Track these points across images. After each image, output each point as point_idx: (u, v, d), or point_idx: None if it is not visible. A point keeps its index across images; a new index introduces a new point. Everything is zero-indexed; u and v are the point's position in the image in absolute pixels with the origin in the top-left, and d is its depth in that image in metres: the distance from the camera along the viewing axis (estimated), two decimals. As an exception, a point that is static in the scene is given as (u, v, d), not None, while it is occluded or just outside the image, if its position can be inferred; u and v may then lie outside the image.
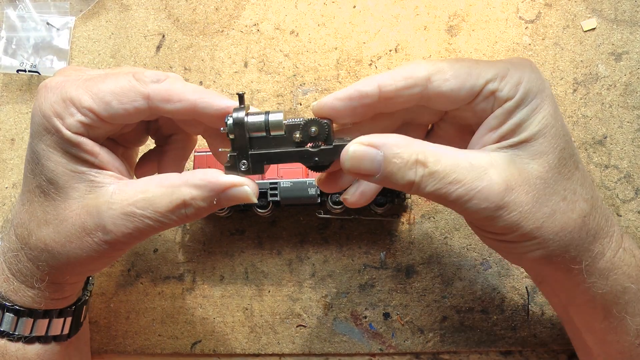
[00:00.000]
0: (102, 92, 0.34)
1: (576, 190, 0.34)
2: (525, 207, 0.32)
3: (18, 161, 0.51)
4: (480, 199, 0.32)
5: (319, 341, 0.48)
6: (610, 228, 0.35)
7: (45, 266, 0.36)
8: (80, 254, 0.35)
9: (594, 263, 0.35)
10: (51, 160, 0.34)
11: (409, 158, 0.32)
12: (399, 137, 0.33)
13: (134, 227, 0.34)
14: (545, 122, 0.33)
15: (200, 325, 0.49)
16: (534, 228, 0.33)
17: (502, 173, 0.32)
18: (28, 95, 0.52)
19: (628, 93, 0.49)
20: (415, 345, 0.47)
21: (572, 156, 0.34)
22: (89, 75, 0.35)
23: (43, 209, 0.35)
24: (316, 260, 0.49)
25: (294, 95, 0.51)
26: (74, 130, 0.34)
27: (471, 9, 0.51)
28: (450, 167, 0.32)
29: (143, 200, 0.34)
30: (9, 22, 0.52)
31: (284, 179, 0.45)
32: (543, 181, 0.33)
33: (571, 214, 0.33)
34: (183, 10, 0.53)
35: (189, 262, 0.49)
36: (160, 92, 0.34)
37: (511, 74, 0.33)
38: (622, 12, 0.50)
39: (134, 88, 0.34)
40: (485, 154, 0.33)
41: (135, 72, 0.35)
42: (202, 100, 0.34)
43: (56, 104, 0.34)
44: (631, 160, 0.48)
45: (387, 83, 0.33)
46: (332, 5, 0.52)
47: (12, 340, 0.38)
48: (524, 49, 0.50)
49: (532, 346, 0.47)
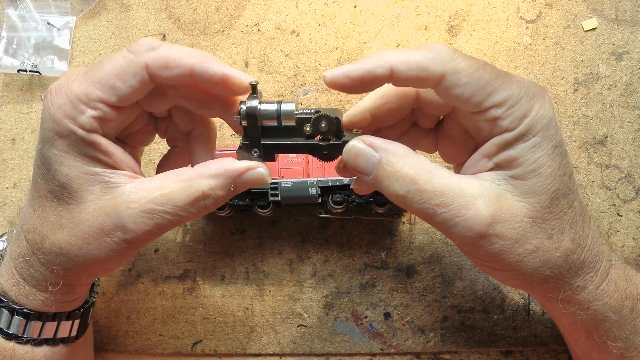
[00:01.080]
0: (104, 79, 0.33)
1: (564, 230, 0.34)
2: (508, 241, 0.33)
3: (19, 161, 0.51)
4: (464, 227, 0.32)
5: (320, 341, 0.48)
6: (597, 263, 0.35)
7: (60, 269, 0.36)
8: (98, 254, 0.35)
9: (574, 295, 0.35)
10: (64, 165, 0.34)
11: (401, 169, 0.32)
12: (400, 147, 0.33)
13: (154, 224, 0.34)
14: (541, 162, 0.32)
15: (201, 325, 0.49)
16: (513, 262, 0.33)
17: (490, 206, 0.32)
18: (29, 95, 0.52)
19: (629, 93, 0.49)
20: (416, 345, 0.47)
21: (566, 195, 0.33)
22: (88, 68, 0.35)
23: (56, 213, 0.35)
24: (317, 260, 0.49)
25: (294, 95, 0.51)
26: (87, 128, 0.34)
27: (472, 8, 0.51)
28: (440, 189, 0.32)
29: (162, 197, 0.34)
30: (9, 22, 0.52)
31: (285, 179, 0.45)
32: (531, 220, 0.33)
33: (554, 252, 0.33)
34: (184, 10, 0.53)
35: (190, 261, 0.49)
36: (157, 59, 0.33)
37: (520, 105, 0.32)
38: (622, 12, 0.50)
39: (131, 62, 0.33)
40: (478, 182, 0.33)
41: (129, 46, 0.34)
42: (199, 64, 0.33)
43: (64, 105, 0.33)
44: (632, 160, 0.48)
45: (401, 70, 0.32)
46: (332, 5, 0.52)
47: (21, 342, 0.38)
48: (524, 49, 0.50)
49: (532, 346, 0.47)
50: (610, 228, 0.48)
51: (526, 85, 0.33)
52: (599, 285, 0.35)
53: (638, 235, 0.47)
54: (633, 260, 0.47)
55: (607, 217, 0.48)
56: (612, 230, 0.48)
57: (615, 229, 0.48)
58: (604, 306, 0.35)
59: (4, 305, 0.38)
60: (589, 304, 0.35)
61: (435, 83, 0.32)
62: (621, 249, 0.48)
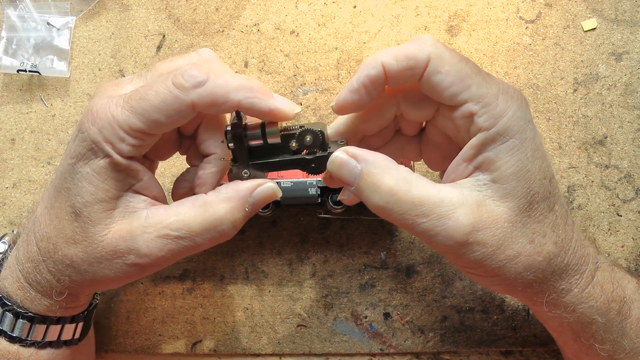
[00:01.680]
0: (147, 112, 0.33)
1: (546, 233, 0.34)
2: (490, 248, 0.33)
3: (18, 161, 0.51)
4: (444, 236, 0.32)
5: (320, 341, 0.48)
6: (583, 266, 0.35)
7: (67, 280, 0.36)
8: (108, 274, 0.35)
9: (560, 297, 0.35)
10: (93, 185, 0.34)
11: (380, 180, 0.32)
12: (382, 158, 0.33)
13: (167, 250, 0.34)
14: (520, 165, 0.32)
15: (201, 325, 0.49)
16: (496, 268, 0.33)
17: (470, 214, 0.32)
18: (28, 95, 0.52)
19: (628, 93, 0.49)
20: (415, 345, 0.47)
21: (546, 199, 0.33)
22: (129, 92, 0.34)
23: (72, 228, 0.35)
24: (316, 260, 0.49)
25: (294, 95, 0.51)
26: (125, 155, 0.34)
27: (471, 9, 0.51)
28: (419, 199, 0.32)
29: (177, 222, 0.34)
30: (9, 22, 0.52)
31: (285, 179, 0.45)
32: (511, 224, 0.33)
33: (537, 257, 0.33)
34: (183, 10, 0.53)
35: (190, 261, 0.49)
36: (204, 98, 0.33)
37: (496, 105, 0.32)
38: (622, 12, 0.50)
39: (177, 99, 0.33)
40: (457, 190, 0.33)
41: (174, 77, 0.33)
42: (246, 99, 0.33)
43: (105, 129, 0.33)
44: (631, 160, 0.48)
45: (391, 64, 0.33)
46: (332, 5, 0.52)
47: (25, 345, 0.39)
48: (524, 49, 0.50)
49: (532, 346, 0.47)
50: (610, 228, 0.48)
51: (504, 87, 0.33)
52: (584, 288, 0.35)
53: (638, 235, 0.48)
54: (633, 260, 0.48)
55: (607, 217, 0.48)
56: (611, 230, 0.48)
57: (615, 229, 0.48)
58: (590, 309, 0.35)
59: (8, 309, 0.38)
60: (575, 307, 0.35)
61: (423, 70, 0.33)
62: (621, 249, 0.48)
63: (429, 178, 0.34)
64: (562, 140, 0.49)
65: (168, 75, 0.33)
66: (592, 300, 0.35)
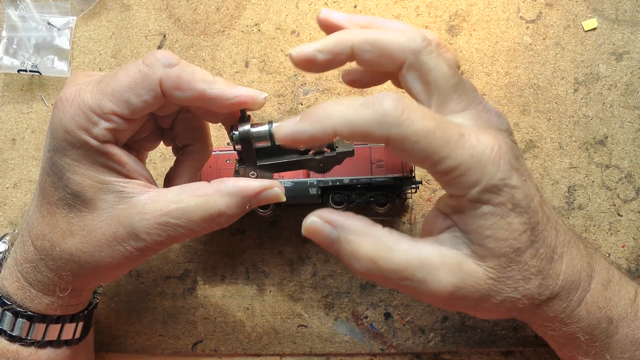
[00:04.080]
0: (117, 92, 0.33)
1: (529, 280, 0.33)
2: (473, 302, 0.33)
3: (19, 161, 0.51)
4: (428, 297, 0.32)
5: (320, 341, 0.48)
6: (572, 291, 0.35)
7: (69, 275, 0.36)
8: (110, 261, 0.35)
9: (543, 313, 0.36)
10: (77, 174, 0.34)
11: (358, 249, 0.32)
12: (358, 223, 0.33)
13: (166, 236, 0.35)
14: (495, 227, 0.32)
15: (202, 325, 0.49)
16: (481, 313, 0.34)
17: (451, 276, 0.32)
18: (29, 95, 0.52)
19: (629, 93, 0.49)
20: (416, 345, 0.47)
21: (529, 248, 0.33)
22: (100, 77, 0.35)
23: (67, 220, 0.35)
24: (317, 260, 0.49)
25: (295, 95, 0.51)
26: (101, 139, 0.34)
27: (472, 8, 0.51)
28: (399, 266, 0.32)
29: (177, 211, 0.34)
30: (10, 22, 0.52)
31: (285, 179, 0.45)
32: (493, 281, 0.33)
33: (523, 300, 0.34)
34: (184, 10, 0.53)
35: (190, 262, 0.49)
36: (170, 78, 0.33)
37: (468, 176, 0.30)
38: (623, 12, 0.50)
39: (146, 77, 0.33)
40: (437, 250, 0.33)
41: (145, 57, 0.34)
42: (210, 90, 0.34)
43: (77, 116, 0.33)
44: (632, 160, 0.48)
45: (343, 132, 0.31)
46: (333, 5, 0.52)
47: (25, 345, 0.39)
48: (525, 49, 0.50)
49: (533, 346, 0.47)
50: (611, 228, 0.48)
51: (480, 149, 0.31)
52: (570, 313, 0.35)
53: (638, 235, 0.47)
54: (634, 260, 0.48)
55: (607, 217, 0.48)
56: (612, 231, 0.48)
57: (616, 229, 0.48)
58: (574, 328, 0.36)
59: (7, 308, 0.38)
60: (559, 326, 0.36)
61: (383, 142, 0.31)
62: (621, 249, 0.48)
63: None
64: (562, 140, 0.49)
65: (139, 60, 0.34)
66: (577, 322, 0.35)
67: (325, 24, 0.36)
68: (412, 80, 0.33)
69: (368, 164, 0.45)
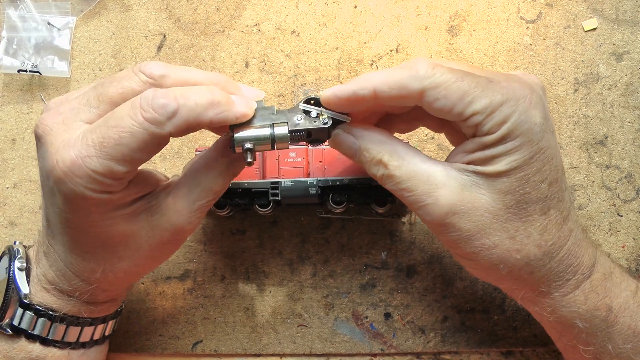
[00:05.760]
0: (128, 156, 0.32)
1: (531, 235, 0.34)
2: (465, 233, 0.34)
3: (19, 161, 0.51)
4: (425, 212, 0.34)
5: (320, 341, 0.48)
6: (568, 274, 0.35)
7: (123, 290, 0.41)
8: (161, 260, 0.40)
9: (537, 297, 0.36)
10: (106, 226, 0.35)
11: (375, 156, 0.35)
12: (377, 133, 0.36)
13: (202, 214, 0.37)
14: (514, 165, 0.33)
15: (202, 325, 0.49)
16: (470, 252, 0.35)
17: (450, 196, 0.33)
18: (29, 95, 0.52)
19: (629, 93, 0.49)
20: (416, 346, 0.47)
21: (540, 201, 0.33)
22: (97, 136, 0.32)
23: (109, 251, 0.37)
24: (317, 260, 0.49)
25: (295, 96, 0.51)
26: (119, 191, 0.34)
27: (472, 9, 0.51)
28: (406, 175, 0.34)
29: (201, 192, 0.36)
30: (10, 22, 0.52)
31: (285, 179, 0.45)
32: (491, 216, 0.33)
33: (515, 254, 0.34)
34: (184, 10, 0.53)
35: (190, 262, 0.49)
36: (180, 127, 0.33)
37: (500, 112, 0.32)
38: (623, 12, 0.50)
39: (154, 135, 0.32)
40: (446, 171, 0.34)
41: (143, 112, 0.32)
42: (216, 117, 0.33)
43: (91, 184, 0.33)
44: (632, 160, 0.48)
45: (383, 90, 0.33)
46: (333, 5, 0.52)
47: (75, 348, 0.40)
48: (525, 49, 0.50)
49: (533, 346, 0.47)
50: (611, 228, 0.48)
51: (512, 91, 0.33)
52: (565, 294, 0.35)
53: (638, 235, 0.48)
54: (634, 260, 0.48)
55: (607, 217, 0.48)
56: (612, 231, 0.48)
57: (616, 229, 0.48)
58: (571, 313, 0.36)
59: (69, 322, 0.39)
60: (554, 309, 0.36)
61: (417, 99, 0.33)
62: (622, 249, 0.48)
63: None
64: (562, 140, 0.49)
65: (132, 108, 0.32)
66: (573, 306, 0.35)
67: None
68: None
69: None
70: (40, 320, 0.38)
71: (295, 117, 0.36)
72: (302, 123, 0.36)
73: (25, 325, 0.37)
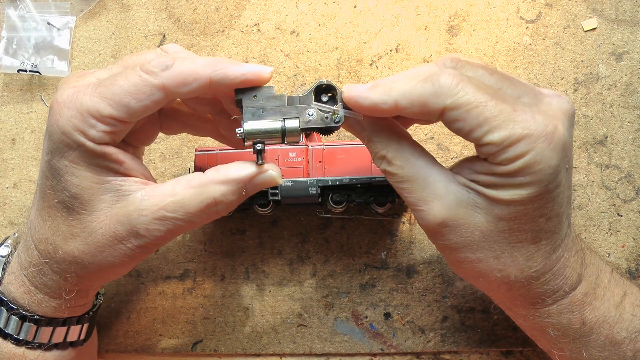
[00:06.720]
0: (117, 96, 0.33)
1: (517, 259, 0.34)
2: (453, 245, 0.34)
3: (19, 161, 0.51)
4: (418, 216, 0.35)
5: (320, 341, 0.48)
6: (547, 294, 0.35)
7: (74, 277, 0.36)
8: (112, 260, 0.36)
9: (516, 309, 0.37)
10: (75, 176, 0.34)
11: (380, 150, 0.35)
12: (386, 127, 0.35)
13: (166, 230, 0.35)
14: (517, 198, 0.32)
15: (201, 325, 0.49)
16: (455, 261, 0.35)
17: (444, 210, 0.33)
18: (29, 95, 0.52)
19: (629, 93, 0.49)
20: (416, 345, 0.47)
21: (532, 232, 0.33)
22: (97, 79, 0.35)
23: (68, 223, 0.35)
24: (317, 260, 0.49)
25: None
26: (98, 141, 0.34)
27: (472, 9, 0.51)
28: (407, 177, 0.34)
29: (173, 204, 0.34)
30: (9, 22, 0.52)
31: (285, 178, 0.45)
32: (482, 234, 0.33)
33: (496, 273, 0.34)
34: (184, 10, 0.53)
35: (190, 261, 0.49)
36: (174, 78, 0.33)
37: (517, 147, 0.31)
38: (622, 12, 0.50)
39: (147, 83, 0.33)
40: (447, 182, 0.34)
41: (141, 65, 0.34)
42: (215, 73, 0.33)
43: (74, 118, 0.33)
44: (632, 160, 0.48)
45: (404, 106, 0.33)
46: (332, 5, 0.52)
47: (32, 348, 0.39)
48: (524, 49, 0.50)
49: (533, 346, 0.47)
50: (611, 228, 0.48)
51: (535, 125, 0.31)
52: (540, 308, 0.36)
53: (638, 235, 0.48)
54: (633, 260, 0.48)
55: (607, 217, 0.48)
56: (612, 230, 0.48)
57: (616, 229, 0.48)
58: (544, 322, 0.36)
59: (14, 313, 0.38)
60: (526, 317, 0.36)
61: (438, 117, 0.33)
62: (621, 249, 0.48)
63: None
64: (562, 140, 0.49)
65: (136, 66, 0.34)
66: (546, 317, 0.36)
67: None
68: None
69: (368, 164, 0.45)
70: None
71: (307, 112, 0.35)
72: (314, 120, 0.35)
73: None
